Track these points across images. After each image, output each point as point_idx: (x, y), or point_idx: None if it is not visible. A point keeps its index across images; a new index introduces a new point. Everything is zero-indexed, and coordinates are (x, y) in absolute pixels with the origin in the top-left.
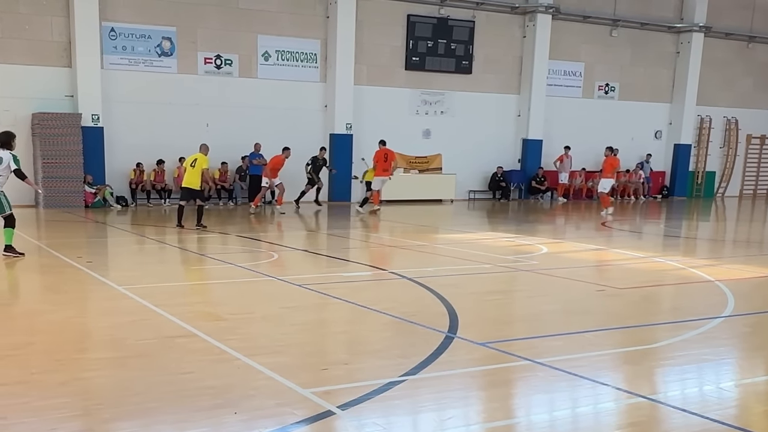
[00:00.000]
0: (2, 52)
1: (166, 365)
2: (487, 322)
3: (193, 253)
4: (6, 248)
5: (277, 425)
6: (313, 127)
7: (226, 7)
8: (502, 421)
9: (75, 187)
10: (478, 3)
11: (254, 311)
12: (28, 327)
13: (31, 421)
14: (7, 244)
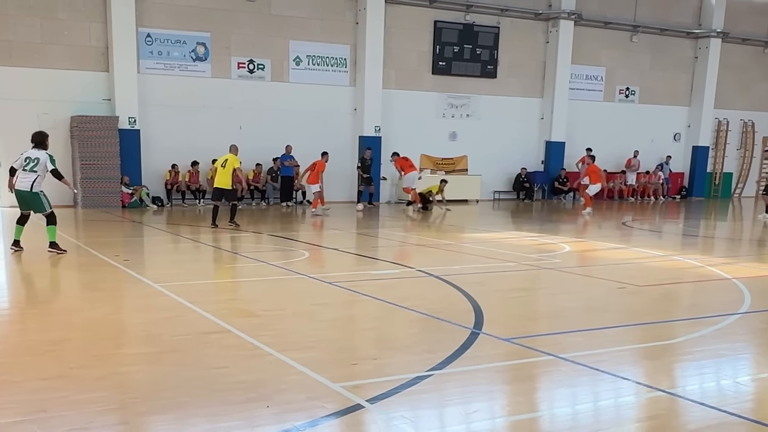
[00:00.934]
0: (42, 57)
1: (200, 360)
2: (511, 319)
3: (226, 251)
4: (50, 245)
5: (308, 418)
6: (343, 129)
7: (259, 13)
8: (526, 414)
9: (112, 187)
10: (503, 9)
11: (286, 308)
12: (66, 323)
13: (69, 414)
14: (51, 241)
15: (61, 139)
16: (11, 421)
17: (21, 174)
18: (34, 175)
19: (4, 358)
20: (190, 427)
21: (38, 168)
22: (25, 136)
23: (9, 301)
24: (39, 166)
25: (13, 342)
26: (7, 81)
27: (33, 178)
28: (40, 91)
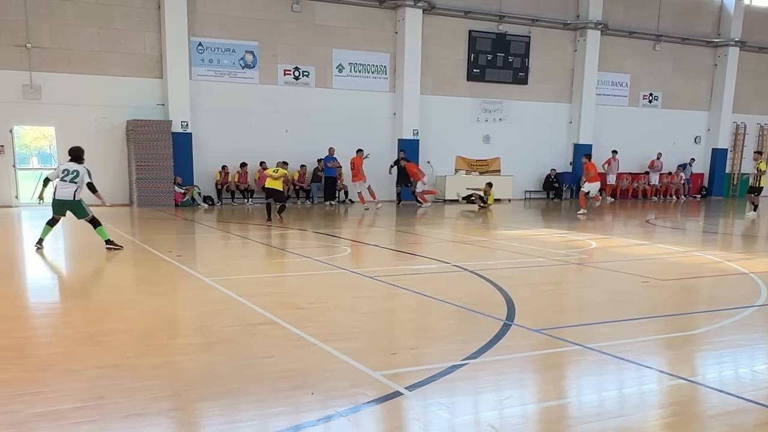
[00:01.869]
0: (100, 65)
1: (248, 350)
2: (541, 311)
3: (273, 247)
4: (106, 243)
5: (351, 405)
6: (383, 133)
7: (304, 23)
8: (555, 401)
9: (166, 187)
10: (534, 20)
11: (329, 301)
12: (123, 315)
13: (125, 401)
14: (106, 240)
15: (117, 142)
16: (72, 407)
17: (60, 184)
18: (75, 186)
19: (65, 348)
20: (239, 413)
21: (78, 180)
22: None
23: (69, 295)
24: (79, 178)
25: (73, 333)
26: (67, 87)
27: (74, 188)
28: (98, 97)
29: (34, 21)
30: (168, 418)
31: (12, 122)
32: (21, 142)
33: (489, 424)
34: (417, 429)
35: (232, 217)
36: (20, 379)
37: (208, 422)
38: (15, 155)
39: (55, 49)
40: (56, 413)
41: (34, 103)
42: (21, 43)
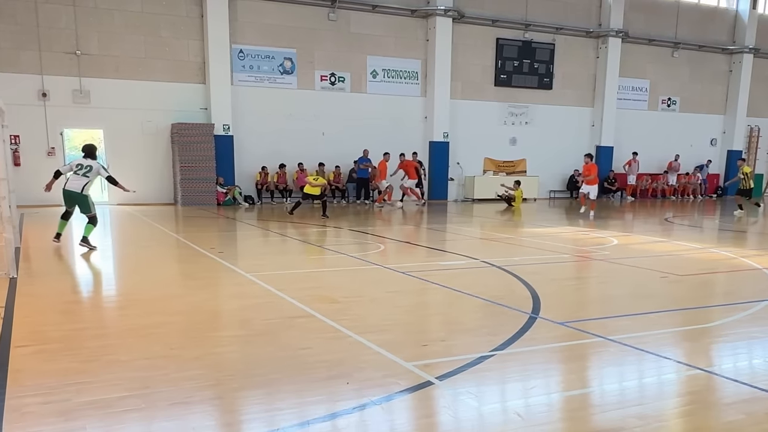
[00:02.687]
0: (146, 71)
1: (287, 342)
2: (565, 305)
3: (310, 244)
4: (82, 239)
5: (384, 393)
6: (415, 135)
7: (340, 31)
8: (579, 390)
9: (208, 187)
10: (558, 28)
11: (364, 295)
12: (167, 308)
13: (170, 390)
14: (84, 236)
15: (162, 144)
16: (119, 396)
17: (73, 177)
18: (86, 180)
19: (113, 340)
20: (278, 402)
21: (90, 174)
22: (130, 142)
23: (117, 289)
24: (92, 172)
25: (120, 325)
26: (115, 92)
27: (84, 182)
28: (144, 101)
29: (84, 29)
30: (211, 406)
31: (62, 125)
32: (71, 144)
33: (515, 412)
34: (447, 417)
35: (271, 215)
36: (70, 369)
37: (249, 410)
38: (65, 157)
39: (103, 56)
40: (104, 402)
41: (84, 107)
42: (71, 51)
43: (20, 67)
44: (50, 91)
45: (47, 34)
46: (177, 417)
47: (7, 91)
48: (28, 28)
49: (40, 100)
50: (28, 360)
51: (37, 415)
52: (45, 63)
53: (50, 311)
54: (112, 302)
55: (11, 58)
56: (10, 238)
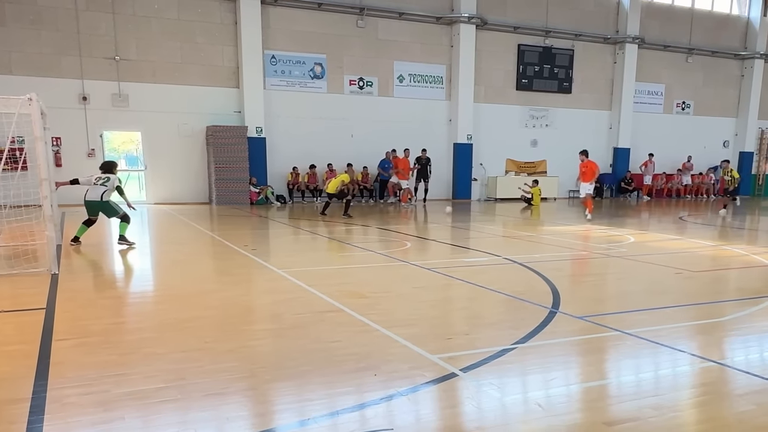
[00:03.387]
0: (182, 75)
1: (317, 335)
2: (584, 300)
3: (339, 242)
4: (119, 238)
5: (410, 385)
6: (440, 137)
7: (368, 38)
8: (597, 381)
9: (242, 187)
10: (577, 35)
11: (391, 290)
12: (203, 303)
13: (205, 381)
14: (120, 235)
15: (198, 146)
16: (156, 387)
17: (92, 188)
18: (104, 189)
19: (151, 334)
20: (309, 393)
21: (108, 184)
22: (167, 144)
23: (154, 284)
24: (109, 183)
25: (158, 320)
26: (152, 96)
27: (103, 190)
28: (180, 105)
29: (123, 36)
30: (244, 397)
31: (102, 128)
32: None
33: (536, 403)
34: (471, 407)
35: (302, 214)
36: (109, 362)
37: (281, 401)
38: (105, 158)
39: (141, 61)
40: (141, 393)
41: (122, 111)
42: (110, 56)
43: (62, 72)
44: (90, 94)
45: (88, 41)
46: (211, 407)
47: (49, 95)
48: (69, 35)
49: (81, 104)
50: (69, 352)
51: (77, 405)
52: (85, 68)
53: (90, 306)
54: (149, 297)
55: (53, 63)
56: (51, 235)
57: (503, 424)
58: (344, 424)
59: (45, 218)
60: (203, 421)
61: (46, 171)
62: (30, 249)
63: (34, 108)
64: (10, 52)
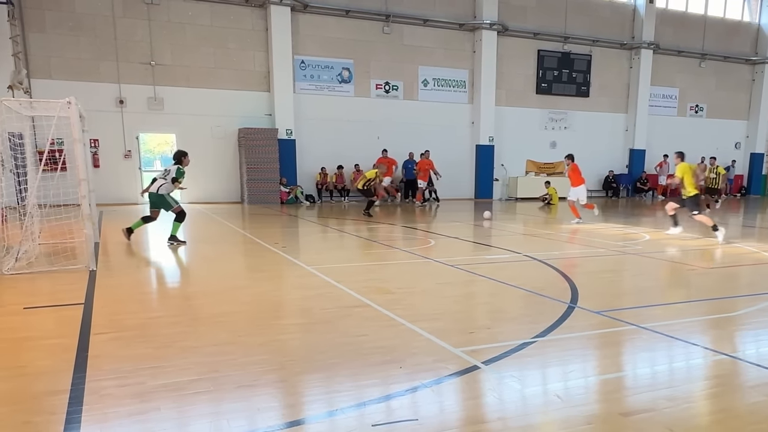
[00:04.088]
0: (215, 80)
1: (345, 329)
2: (601, 295)
3: (366, 239)
4: (170, 237)
5: (434, 377)
6: (462, 139)
7: (393, 44)
8: (614, 374)
9: (272, 187)
10: (594, 41)
11: (415, 286)
12: (235, 299)
13: (237, 373)
14: (171, 235)
15: (230, 148)
16: (190, 379)
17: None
18: (162, 181)
19: (185, 328)
20: (337, 385)
21: (167, 177)
22: (200, 145)
23: (188, 280)
24: (168, 175)
25: (192, 314)
26: (187, 99)
27: (161, 183)
28: (213, 108)
29: (158, 42)
30: (275, 389)
31: (138, 130)
32: (146, 147)
33: (555, 394)
34: (492, 398)
35: (330, 213)
36: (145, 355)
37: (310, 392)
38: (140, 159)
39: (175, 66)
40: (176, 385)
41: (158, 113)
42: (146, 61)
43: (99, 77)
44: (127, 98)
45: (124, 46)
46: (244, 399)
47: (87, 99)
48: (106, 41)
49: (118, 107)
50: (106, 346)
51: (114, 396)
52: (122, 73)
53: (127, 301)
54: (183, 293)
55: (91, 68)
56: (90, 233)
57: (523, 415)
58: (371, 415)
59: (83, 217)
60: (235, 412)
61: (84, 171)
62: (69, 247)
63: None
64: (50, 57)
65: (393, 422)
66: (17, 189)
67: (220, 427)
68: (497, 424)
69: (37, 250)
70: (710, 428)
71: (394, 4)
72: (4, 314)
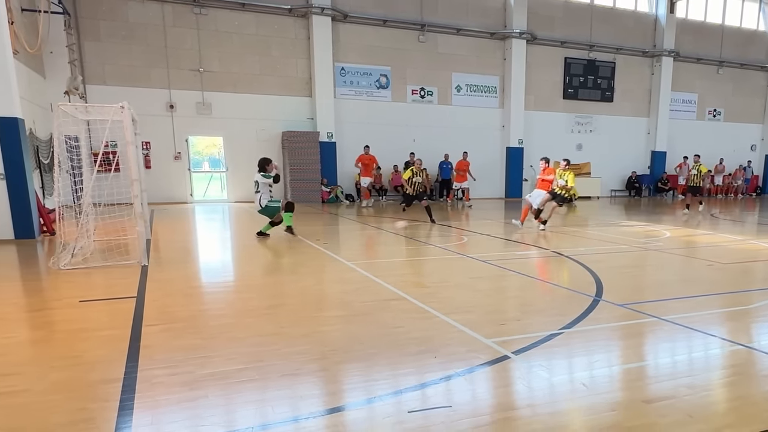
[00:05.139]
0: (260, 86)
1: (383, 321)
2: (624, 289)
3: (402, 237)
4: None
5: (467, 366)
6: (493, 142)
7: (429, 52)
8: (636, 363)
9: (314, 187)
10: (618, 49)
11: (449, 281)
12: (279, 292)
13: (281, 363)
14: (287, 225)
15: (274, 150)
16: (236, 368)
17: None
18: (259, 195)
19: (232, 320)
20: (375, 374)
21: (261, 188)
22: (246, 148)
23: (234, 275)
24: (261, 186)
25: (238, 307)
26: (234, 104)
27: (258, 197)
28: (258, 112)
29: (206, 50)
30: (316, 377)
31: (187, 133)
32: (195, 149)
33: (581, 383)
34: (522, 386)
35: (368, 211)
36: (194, 345)
37: (350, 381)
38: (190, 160)
39: (222, 73)
40: (223, 374)
41: (206, 117)
42: (195, 68)
43: (151, 83)
44: (177, 103)
45: (174, 54)
46: (287, 387)
47: (139, 103)
48: (158, 49)
49: (168, 111)
50: (158, 337)
51: (165, 385)
52: (172, 79)
53: (176, 294)
54: (230, 287)
55: (143, 75)
56: (142, 231)
57: (551, 402)
58: (407, 402)
59: (135, 215)
60: (279, 399)
61: (136, 172)
62: (122, 243)
63: (126, 115)
64: (104, 64)
65: (428, 409)
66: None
67: (265, 414)
68: (526, 411)
69: (92, 247)
70: (727, 415)
71: (429, 14)
72: (61, 307)
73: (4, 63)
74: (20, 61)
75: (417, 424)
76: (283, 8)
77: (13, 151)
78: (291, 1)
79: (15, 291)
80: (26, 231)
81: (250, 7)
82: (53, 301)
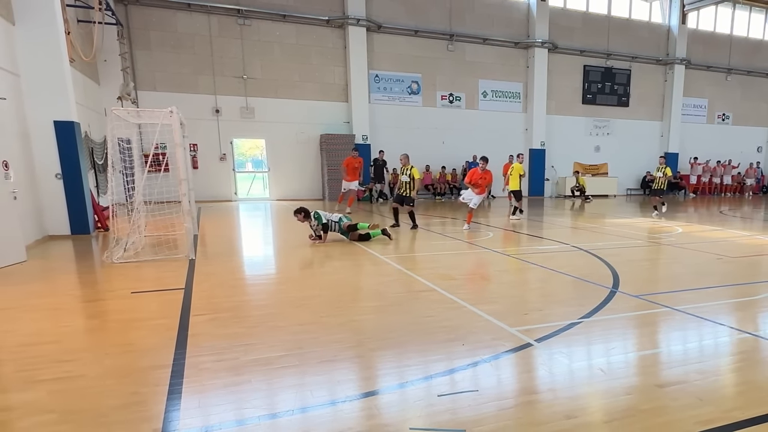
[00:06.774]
0: (301, 92)
1: (414, 311)
2: (639, 281)
3: (432, 232)
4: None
5: (492, 353)
6: (517, 144)
7: (457, 60)
8: (650, 350)
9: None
10: (633, 57)
11: (476, 273)
12: (317, 284)
13: (319, 350)
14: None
15: (313, 151)
16: (278, 355)
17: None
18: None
19: (273, 310)
20: (407, 360)
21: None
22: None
23: (275, 268)
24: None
25: (279, 298)
26: (275, 109)
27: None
28: (298, 117)
29: (249, 58)
30: (353, 363)
31: (232, 136)
32: (239, 151)
33: (599, 368)
34: (544, 372)
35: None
36: (238, 333)
37: (384, 366)
38: (234, 161)
39: (265, 80)
40: (266, 360)
41: (249, 121)
42: (239, 75)
43: (198, 89)
44: (222, 108)
45: (220, 62)
46: (325, 372)
47: (187, 108)
48: (204, 57)
49: (214, 116)
50: (204, 326)
51: (211, 370)
52: (218, 85)
53: (222, 286)
54: (272, 279)
55: (191, 81)
56: (189, 227)
57: (571, 386)
58: (437, 386)
59: (184, 212)
60: (318, 384)
61: (184, 172)
62: (171, 238)
63: (175, 119)
64: (155, 72)
65: (456, 393)
66: (125, 188)
67: (305, 397)
68: (548, 395)
69: (143, 242)
70: (735, 399)
71: (457, 25)
72: (114, 298)
73: (61, 71)
74: (76, 69)
75: (446, 407)
76: (321, 19)
77: (69, 152)
78: (329, 12)
79: (71, 283)
80: (82, 227)
81: (290, 18)
82: (107, 292)
